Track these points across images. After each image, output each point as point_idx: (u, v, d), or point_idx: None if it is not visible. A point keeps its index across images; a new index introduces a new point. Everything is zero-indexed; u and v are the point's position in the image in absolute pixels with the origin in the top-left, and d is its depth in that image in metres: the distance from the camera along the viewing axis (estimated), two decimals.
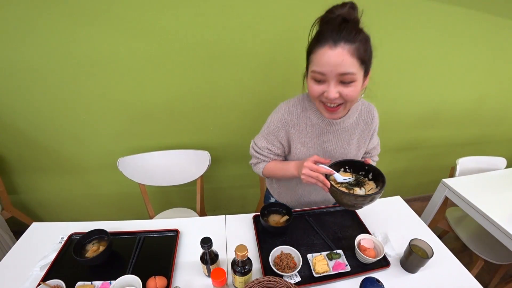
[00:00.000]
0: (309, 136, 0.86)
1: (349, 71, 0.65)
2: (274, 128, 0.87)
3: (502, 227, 1.04)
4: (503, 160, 1.52)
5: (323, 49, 0.65)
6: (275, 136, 0.88)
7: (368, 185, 0.80)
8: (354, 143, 0.90)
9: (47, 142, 1.33)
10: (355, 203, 0.71)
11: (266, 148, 0.91)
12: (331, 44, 0.64)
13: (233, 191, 1.76)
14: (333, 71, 0.65)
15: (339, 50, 0.63)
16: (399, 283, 0.79)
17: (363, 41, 0.66)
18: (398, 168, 2.01)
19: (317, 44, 0.66)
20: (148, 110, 1.30)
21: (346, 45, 0.63)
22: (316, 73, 0.68)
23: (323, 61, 0.65)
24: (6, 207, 1.41)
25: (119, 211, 1.70)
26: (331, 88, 0.68)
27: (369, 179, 0.82)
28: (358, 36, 0.64)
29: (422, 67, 1.48)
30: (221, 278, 0.68)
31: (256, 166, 0.96)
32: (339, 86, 0.68)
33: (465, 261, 0.87)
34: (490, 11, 1.36)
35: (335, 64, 0.64)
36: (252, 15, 1.12)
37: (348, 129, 0.88)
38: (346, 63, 0.64)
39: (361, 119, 0.89)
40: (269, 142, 0.90)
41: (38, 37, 1.04)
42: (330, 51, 0.64)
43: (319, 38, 0.67)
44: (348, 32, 0.63)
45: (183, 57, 1.17)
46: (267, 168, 0.93)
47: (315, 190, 1.01)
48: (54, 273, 0.77)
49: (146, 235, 0.91)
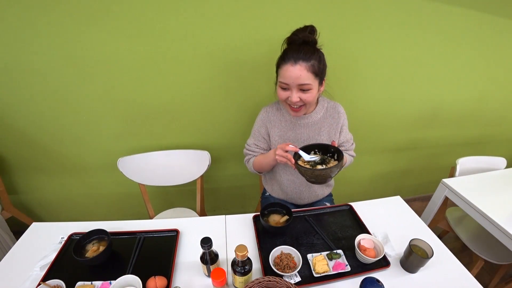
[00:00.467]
0: (284, 130, 1.06)
1: (306, 82, 0.86)
2: (257, 127, 1.09)
3: (502, 227, 1.04)
4: (503, 160, 1.52)
5: (286, 66, 0.86)
6: (259, 132, 1.09)
7: (332, 163, 0.91)
8: (324, 135, 1.06)
9: (47, 142, 1.33)
10: (316, 175, 0.83)
11: (254, 144, 1.12)
12: (292, 62, 0.85)
13: (233, 191, 1.76)
14: (294, 82, 0.86)
15: (298, 66, 0.84)
16: (399, 283, 0.79)
17: (317, 59, 0.86)
18: (398, 168, 2.01)
19: (282, 61, 0.88)
20: (148, 110, 1.30)
21: (304, 63, 0.84)
22: (282, 83, 0.90)
23: (287, 75, 0.86)
24: (6, 207, 1.41)
25: (119, 211, 1.70)
26: (293, 94, 0.89)
27: (334, 159, 0.92)
28: (313, 56, 0.85)
29: (422, 67, 1.48)
30: (221, 278, 0.68)
31: (248, 163, 1.15)
32: (300, 92, 0.89)
33: (465, 261, 0.87)
34: (490, 12, 1.36)
35: (295, 77, 0.85)
36: (252, 15, 1.12)
37: (317, 123, 1.05)
38: (303, 77, 0.85)
39: (327, 114, 1.06)
40: (256, 138, 1.11)
41: (38, 38, 1.04)
42: (292, 67, 0.85)
43: (284, 56, 0.87)
44: (305, 53, 0.84)
45: (183, 57, 1.17)
46: (255, 161, 1.10)
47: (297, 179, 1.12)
48: (54, 273, 0.77)
49: (146, 235, 0.91)
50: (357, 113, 1.55)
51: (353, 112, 1.54)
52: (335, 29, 1.23)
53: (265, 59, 1.23)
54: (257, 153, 1.12)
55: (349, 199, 1.11)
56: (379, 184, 2.06)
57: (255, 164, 1.11)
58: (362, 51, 1.34)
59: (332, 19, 1.20)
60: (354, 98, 1.49)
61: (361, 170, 1.89)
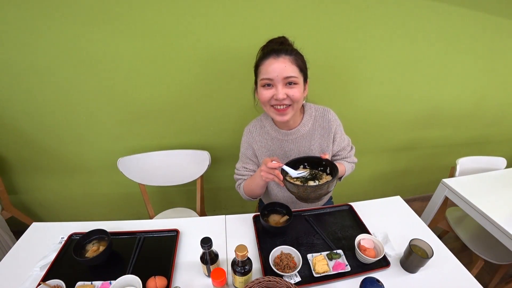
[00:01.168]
0: (272, 149, 0.99)
1: (292, 74, 0.80)
2: (243, 150, 1.03)
3: (502, 227, 1.04)
4: (503, 160, 1.52)
5: (268, 60, 0.80)
6: (246, 155, 1.03)
7: (324, 178, 0.85)
8: (316, 148, 0.99)
9: (47, 142, 1.33)
10: (307, 193, 0.76)
11: (243, 167, 1.05)
12: (274, 56, 0.80)
13: (233, 191, 1.74)
14: (279, 76, 0.79)
15: (281, 59, 0.79)
16: (399, 283, 0.79)
17: (299, 55, 0.83)
18: (398, 168, 2.01)
19: (263, 58, 0.82)
20: (148, 110, 1.29)
21: (287, 55, 0.80)
22: (265, 79, 0.81)
23: (270, 69, 0.80)
24: (6, 207, 1.41)
25: (119, 211, 1.70)
26: (279, 90, 0.81)
27: (327, 173, 0.87)
28: (294, 51, 0.82)
29: (422, 67, 1.48)
30: (221, 278, 0.68)
31: (239, 188, 1.07)
32: (285, 88, 0.81)
33: (465, 261, 0.87)
34: (490, 12, 1.36)
35: (280, 70, 0.79)
36: (253, 15, 1.12)
37: (306, 136, 0.97)
38: (288, 69, 0.79)
39: (317, 125, 0.97)
40: (243, 162, 1.04)
41: (39, 38, 1.04)
42: (275, 61, 0.79)
43: (264, 53, 0.83)
44: (286, 48, 0.81)
45: (183, 57, 1.17)
46: (245, 186, 1.02)
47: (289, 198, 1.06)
48: (54, 273, 0.77)
49: (146, 235, 0.91)
50: (357, 113, 1.55)
51: (353, 112, 1.55)
52: (335, 29, 1.23)
53: None
54: (247, 176, 1.04)
55: (349, 199, 1.11)
56: (379, 184, 2.06)
57: (245, 188, 1.02)
58: (362, 51, 1.34)
59: (332, 19, 1.20)
60: (354, 98, 1.49)
61: (361, 170, 1.89)
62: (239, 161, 1.07)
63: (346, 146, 1.06)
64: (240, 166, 1.05)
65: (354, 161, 1.10)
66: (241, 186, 1.04)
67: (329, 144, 0.99)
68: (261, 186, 0.96)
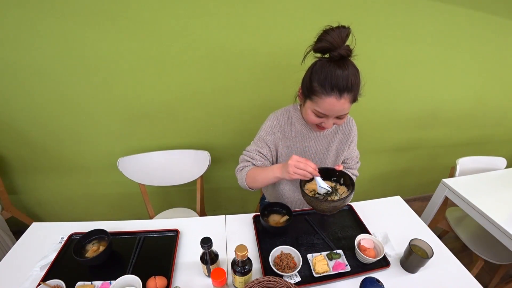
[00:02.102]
0: (293, 141, 0.97)
1: (346, 112, 0.80)
2: (264, 134, 0.97)
3: (502, 227, 1.04)
4: (503, 160, 1.52)
5: (329, 99, 0.74)
6: (264, 140, 0.97)
7: (341, 189, 0.85)
8: (333, 150, 1.00)
9: (47, 142, 1.33)
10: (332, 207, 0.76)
11: (256, 150, 0.97)
12: (337, 96, 0.73)
13: (233, 191, 1.76)
14: (334, 115, 0.79)
15: (343, 101, 0.74)
16: (399, 283, 0.79)
17: (358, 84, 0.76)
18: (398, 168, 2.01)
19: (322, 91, 0.74)
20: (148, 110, 1.29)
21: (348, 95, 0.74)
22: (319, 112, 0.79)
23: (328, 108, 0.77)
24: (6, 207, 1.41)
25: (119, 211, 1.70)
26: (330, 122, 0.81)
27: (341, 183, 0.87)
28: (355, 81, 0.74)
29: (422, 67, 1.48)
30: (221, 278, 0.68)
31: (241, 172, 0.97)
32: (335, 119, 0.82)
33: (465, 261, 0.87)
34: (490, 11, 1.36)
35: (338, 111, 0.77)
36: (253, 16, 1.12)
37: (327, 137, 0.98)
38: (345, 110, 0.78)
39: (339, 129, 0.99)
40: (258, 145, 0.98)
41: (38, 38, 1.04)
42: (336, 102, 0.74)
43: (324, 85, 0.73)
44: (350, 82, 0.72)
45: (183, 58, 1.17)
46: (250, 173, 0.94)
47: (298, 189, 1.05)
48: (54, 273, 0.77)
49: (146, 235, 0.91)
50: (357, 113, 1.54)
51: (353, 112, 1.54)
52: None
53: (266, 60, 1.24)
54: (257, 162, 0.96)
55: None
56: (379, 184, 2.06)
57: (250, 175, 0.93)
58: (362, 51, 1.32)
59: (332, 19, 1.20)
60: None
61: (361, 170, 1.89)
62: (253, 144, 0.99)
63: (354, 157, 1.08)
64: (253, 149, 0.97)
65: (356, 175, 1.10)
66: (245, 171, 0.95)
67: (345, 149, 1.01)
68: (269, 181, 0.90)
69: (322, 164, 1.00)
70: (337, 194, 0.82)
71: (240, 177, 0.97)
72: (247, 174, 0.94)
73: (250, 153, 0.98)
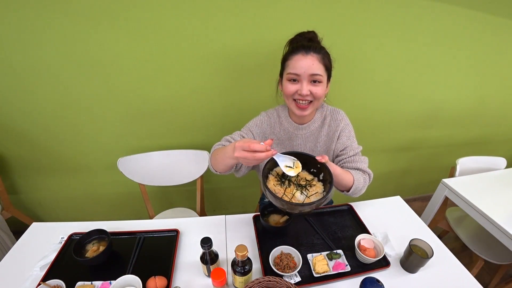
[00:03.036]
0: (281, 139, 1.01)
1: (318, 72, 0.82)
2: (251, 124, 1.00)
3: (502, 227, 1.04)
4: (503, 160, 1.52)
5: (297, 56, 0.82)
6: (250, 129, 1.00)
7: (315, 187, 0.76)
8: (321, 146, 1.01)
9: (47, 142, 1.33)
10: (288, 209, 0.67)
11: (239, 135, 0.97)
12: (303, 52, 0.82)
13: (233, 191, 1.76)
14: (306, 72, 0.82)
15: (310, 57, 0.81)
16: (399, 283, 0.79)
17: (326, 54, 0.85)
18: (398, 168, 2.01)
19: (292, 52, 0.84)
20: (148, 110, 1.30)
21: (315, 54, 0.82)
22: (291, 74, 0.84)
23: (298, 65, 0.82)
24: (6, 207, 1.41)
25: (119, 211, 1.70)
26: (304, 87, 0.83)
27: (319, 179, 0.79)
28: (322, 50, 0.84)
29: (422, 67, 1.48)
30: (221, 278, 0.68)
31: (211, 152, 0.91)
32: (310, 85, 0.84)
33: (465, 261, 0.87)
34: (491, 11, 1.36)
35: (307, 67, 0.81)
36: (254, 16, 1.12)
37: (314, 133, 1.00)
38: (315, 67, 0.82)
39: (325, 122, 1.00)
40: (243, 131, 1.00)
41: (38, 38, 1.04)
42: (303, 57, 0.82)
43: (293, 48, 0.85)
44: (315, 46, 0.83)
45: (183, 57, 1.17)
46: (213, 152, 0.87)
47: None
48: (54, 273, 0.77)
49: (146, 235, 0.91)
50: (357, 113, 1.55)
51: (353, 112, 1.54)
52: (335, 29, 1.23)
53: (265, 59, 1.23)
54: None
55: (349, 199, 1.11)
56: (379, 184, 2.06)
57: (213, 154, 0.86)
58: (362, 51, 1.34)
59: (332, 19, 1.20)
60: (354, 98, 1.49)
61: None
62: (238, 131, 0.99)
63: (350, 149, 0.96)
64: (236, 133, 0.96)
65: (362, 169, 0.94)
66: (212, 150, 0.90)
67: (334, 142, 0.98)
68: (226, 162, 0.79)
69: None
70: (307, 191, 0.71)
71: (209, 157, 0.91)
72: (212, 153, 0.88)
73: (232, 135, 0.95)
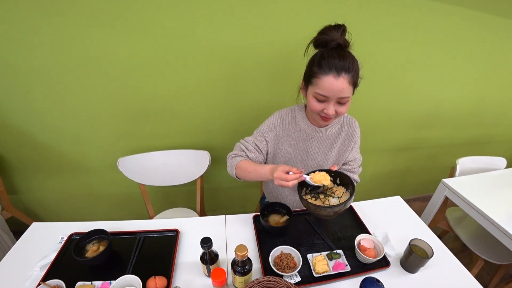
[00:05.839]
0: (296, 140, 0.98)
1: (347, 95, 0.80)
2: (265, 129, 0.97)
3: (502, 227, 1.04)
4: (503, 160, 1.52)
5: (327, 78, 0.77)
6: (263, 135, 0.97)
7: (338, 190, 0.86)
8: (335, 151, 1.00)
9: (47, 142, 1.33)
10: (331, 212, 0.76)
11: (254, 143, 0.98)
12: (335, 74, 0.76)
13: (233, 191, 1.76)
14: (335, 96, 0.79)
15: (341, 79, 0.76)
16: (399, 283, 0.79)
17: (356, 69, 0.79)
18: (398, 168, 2.01)
19: (321, 70, 0.78)
20: (148, 110, 1.29)
21: (346, 75, 0.77)
22: (319, 95, 0.81)
23: (327, 87, 0.78)
24: (6, 207, 1.41)
25: (119, 211, 1.70)
26: (330, 107, 0.81)
27: (338, 184, 0.87)
28: (353, 65, 0.78)
29: (422, 67, 1.48)
30: (221, 278, 0.68)
31: (232, 159, 0.97)
32: (336, 105, 0.82)
33: (465, 261, 0.87)
34: (490, 11, 1.36)
35: (337, 90, 0.78)
36: (254, 17, 1.12)
37: (331, 137, 0.99)
38: (345, 90, 0.78)
39: (343, 130, 1.00)
40: (257, 138, 0.98)
41: (39, 38, 1.04)
42: (334, 81, 0.76)
43: (322, 64, 0.78)
44: (347, 63, 0.76)
45: (184, 57, 1.17)
46: (241, 165, 0.92)
47: None
48: (54, 273, 0.77)
49: (146, 235, 0.91)
50: (357, 113, 1.54)
51: (353, 112, 1.54)
52: None
53: (266, 59, 1.23)
54: (251, 154, 0.96)
55: None
56: (379, 183, 2.06)
57: (240, 167, 0.92)
58: (362, 51, 1.33)
59: (332, 19, 1.20)
60: (354, 98, 1.48)
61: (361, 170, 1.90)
62: (252, 136, 0.99)
63: (357, 160, 1.06)
64: (251, 141, 0.98)
65: (357, 180, 1.07)
66: (237, 160, 0.94)
67: (347, 150, 1.01)
68: (259, 179, 0.91)
69: (324, 165, 1.00)
70: (334, 195, 0.84)
71: (230, 164, 0.96)
72: (238, 165, 0.93)
73: (247, 143, 0.98)
